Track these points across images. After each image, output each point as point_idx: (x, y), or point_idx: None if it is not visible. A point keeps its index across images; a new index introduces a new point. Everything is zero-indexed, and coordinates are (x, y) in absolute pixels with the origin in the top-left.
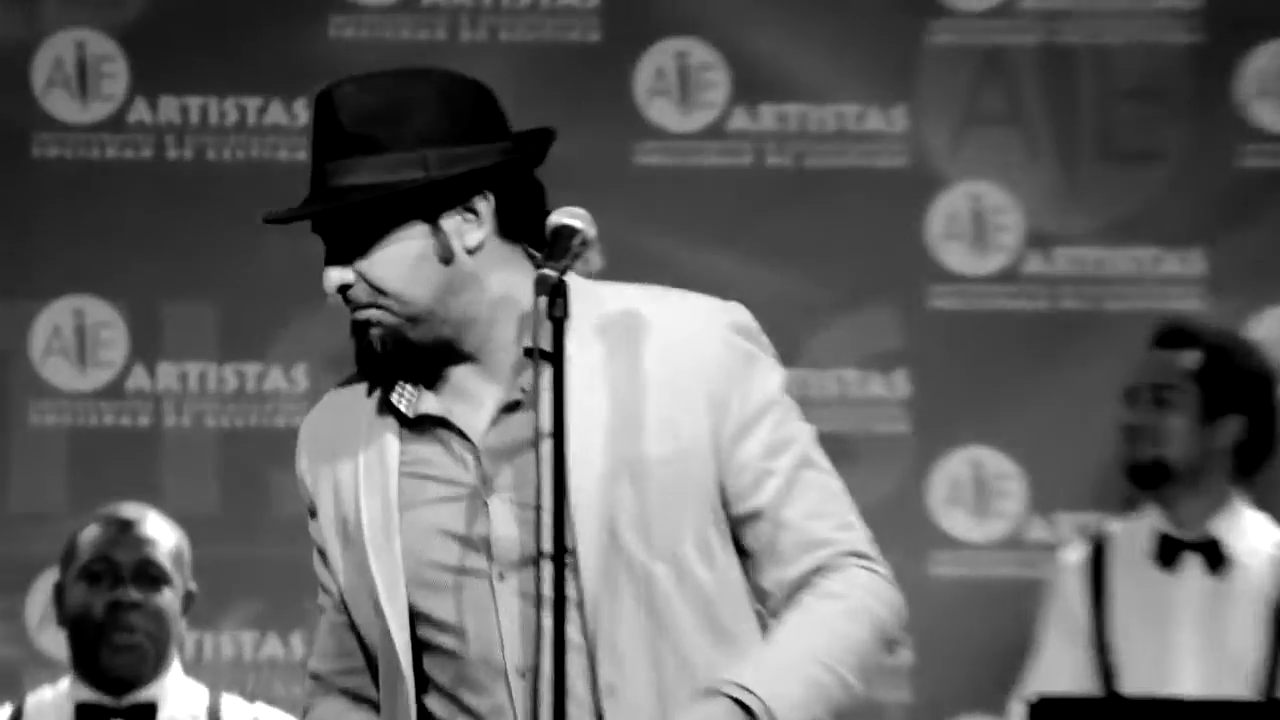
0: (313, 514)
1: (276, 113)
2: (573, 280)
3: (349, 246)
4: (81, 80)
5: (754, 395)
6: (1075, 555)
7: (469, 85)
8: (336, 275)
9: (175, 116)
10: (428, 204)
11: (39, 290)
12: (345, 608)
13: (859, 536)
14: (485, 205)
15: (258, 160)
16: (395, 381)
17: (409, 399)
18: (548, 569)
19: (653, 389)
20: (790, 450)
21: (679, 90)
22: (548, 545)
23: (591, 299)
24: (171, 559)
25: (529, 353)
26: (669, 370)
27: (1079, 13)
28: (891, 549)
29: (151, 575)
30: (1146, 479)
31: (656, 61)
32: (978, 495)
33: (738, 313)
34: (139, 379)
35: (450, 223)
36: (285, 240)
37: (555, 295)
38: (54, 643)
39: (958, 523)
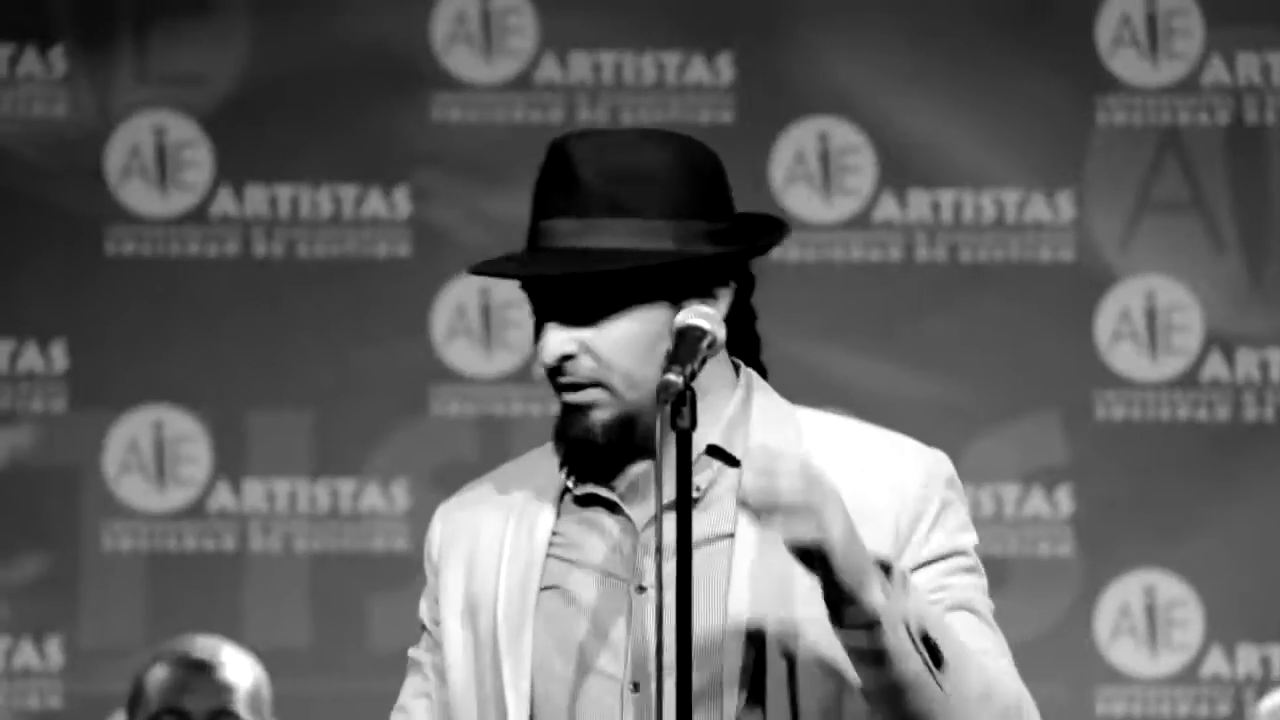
0: (431, 594)
1: (375, 203)
2: (766, 398)
3: (577, 312)
4: (160, 169)
5: (939, 540)
6: (1270, 705)
7: (711, 156)
8: (559, 342)
9: (263, 208)
10: (675, 283)
11: (114, 400)
12: (446, 686)
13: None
14: (725, 294)
15: (354, 257)
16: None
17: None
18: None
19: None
20: (959, 599)
21: (820, 175)
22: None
23: (785, 417)
24: (249, 705)
25: (711, 451)
26: (858, 504)
27: (1268, 89)
28: (1054, 684)
29: None
30: None
31: (795, 144)
32: (1150, 625)
33: (942, 460)
34: (223, 498)
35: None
36: (382, 345)
37: (679, 404)
38: None
39: (1128, 655)
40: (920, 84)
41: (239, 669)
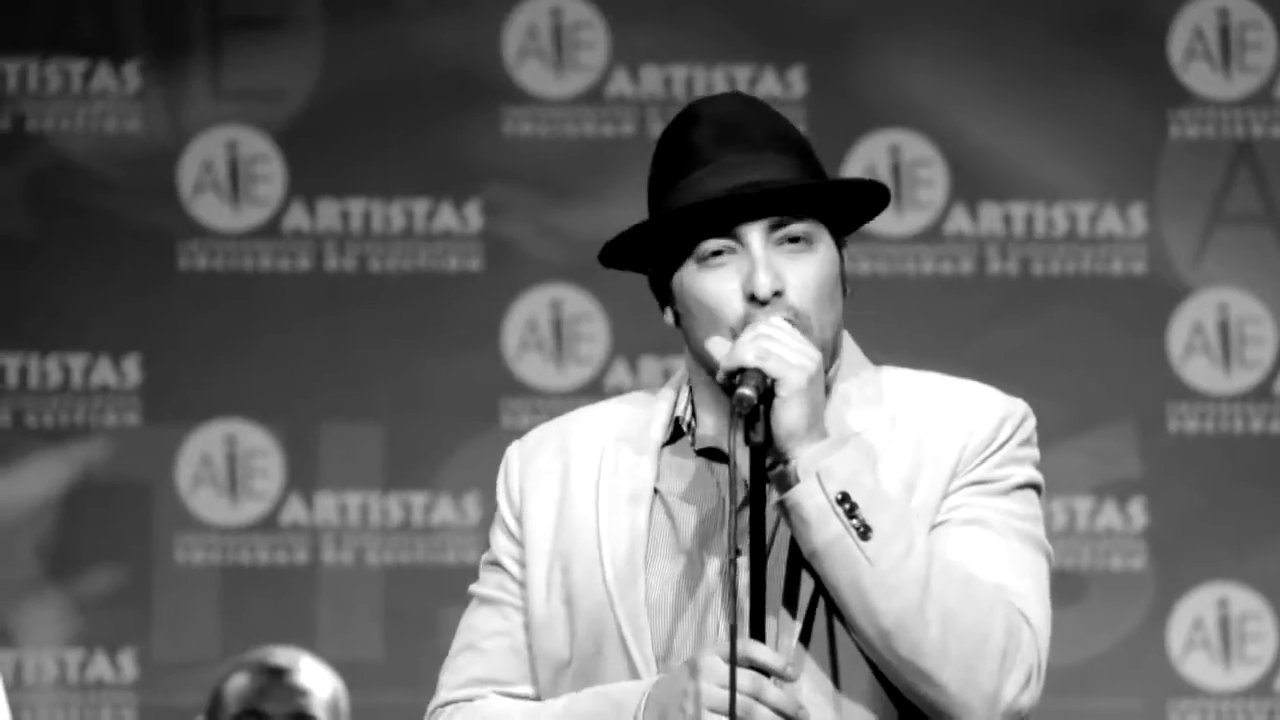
0: (512, 535)
1: (446, 217)
2: (852, 355)
3: (779, 244)
4: (233, 183)
5: (984, 470)
6: None
7: None
8: (769, 279)
9: (335, 222)
10: (839, 220)
11: (186, 414)
12: (530, 631)
13: (1035, 607)
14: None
15: (426, 270)
16: (679, 401)
17: (689, 423)
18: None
19: (908, 459)
20: (973, 515)
21: (893, 187)
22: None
23: (869, 376)
24: (328, 710)
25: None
26: (933, 449)
27: None
28: (1128, 697)
29: None
30: None
31: (867, 156)
32: (1224, 638)
33: (1022, 408)
34: (295, 511)
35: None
36: (454, 359)
37: (753, 419)
38: None
39: (1202, 669)
40: (992, 97)
41: (318, 676)
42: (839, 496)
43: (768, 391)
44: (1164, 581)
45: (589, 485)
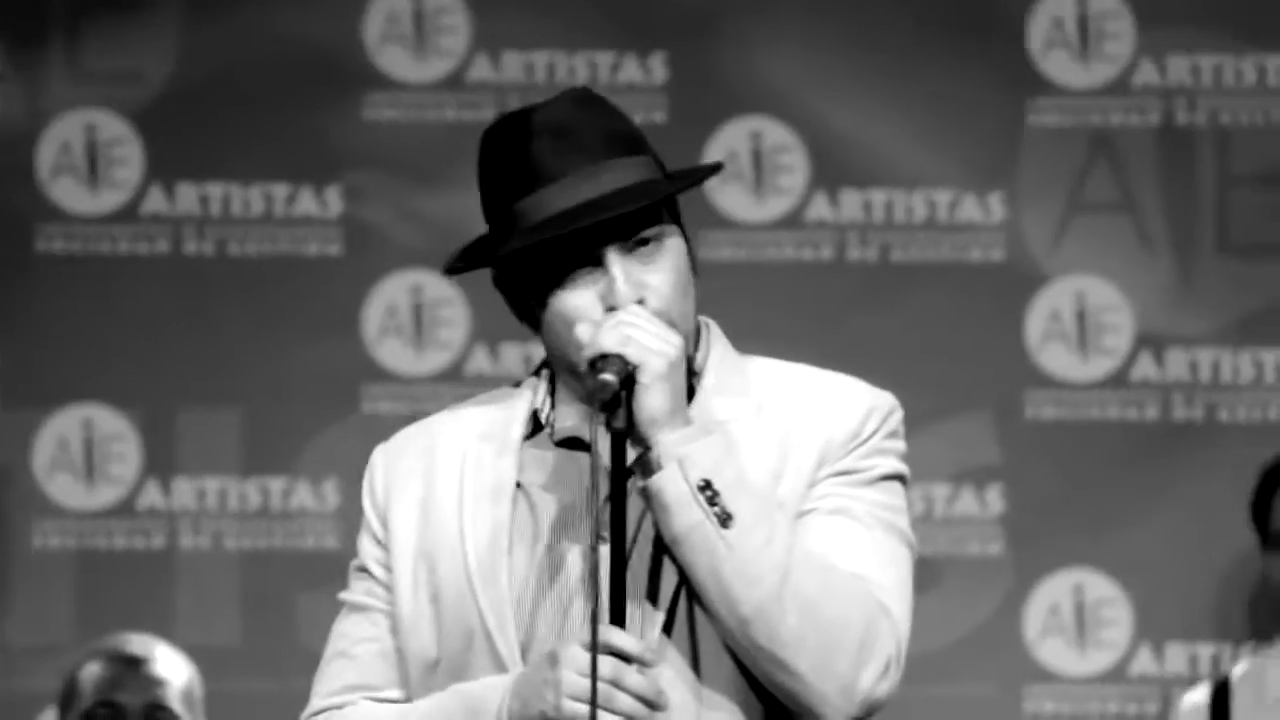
0: (377, 540)
1: (306, 202)
2: (721, 347)
3: (634, 252)
4: (91, 166)
5: (852, 460)
6: (1197, 697)
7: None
8: (630, 291)
9: (194, 206)
10: (675, 210)
11: (43, 398)
12: (398, 634)
13: (895, 598)
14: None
15: (286, 255)
16: (537, 396)
17: (548, 416)
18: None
19: (774, 449)
20: (838, 505)
21: (752, 175)
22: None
23: (736, 366)
24: (183, 700)
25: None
26: (799, 437)
27: (1199, 90)
28: (984, 682)
29: None
30: None
31: (728, 143)
32: (1079, 624)
33: (888, 400)
34: (152, 496)
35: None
36: (314, 344)
37: (615, 405)
38: None
39: (1057, 654)
40: (853, 84)
41: (173, 665)
42: (700, 484)
43: (629, 378)
44: (1020, 567)
45: (452, 484)
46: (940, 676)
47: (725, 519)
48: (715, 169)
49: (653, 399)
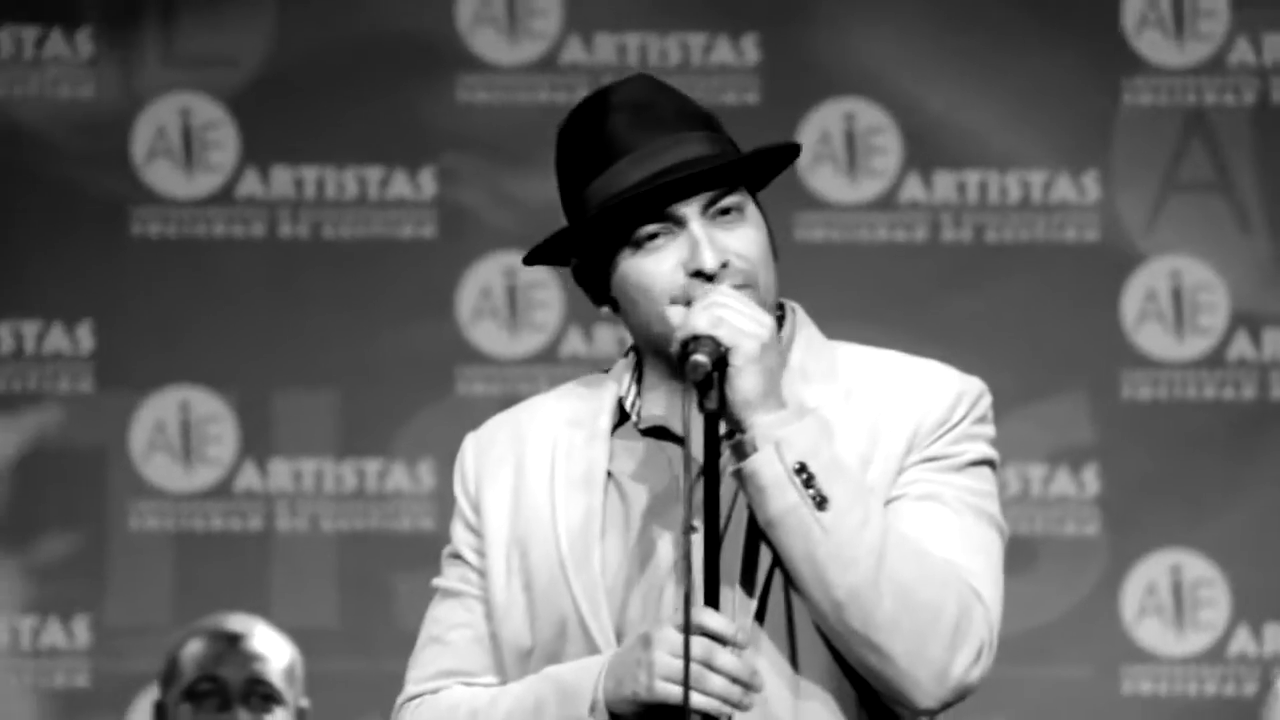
0: (470, 527)
1: (400, 184)
2: (808, 331)
3: (716, 217)
4: (187, 150)
5: (941, 446)
6: None
7: None
8: (714, 254)
9: (289, 190)
10: (756, 182)
11: (140, 381)
12: (492, 620)
13: (987, 583)
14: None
15: (380, 237)
16: (622, 384)
17: (634, 404)
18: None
19: (863, 435)
20: (927, 491)
21: (845, 156)
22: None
23: (823, 350)
24: (284, 676)
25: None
26: (887, 423)
27: None
28: (1080, 663)
29: (262, 694)
30: None
31: (821, 124)
32: (1176, 604)
33: (978, 386)
34: (249, 478)
35: None
36: (408, 326)
37: (707, 386)
38: None
39: (1155, 635)
40: (946, 65)
41: (274, 642)
42: (796, 466)
43: (721, 359)
44: (1117, 548)
45: (543, 471)
46: (1038, 657)
47: (821, 502)
48: (796, 148)
49: (746, 381)
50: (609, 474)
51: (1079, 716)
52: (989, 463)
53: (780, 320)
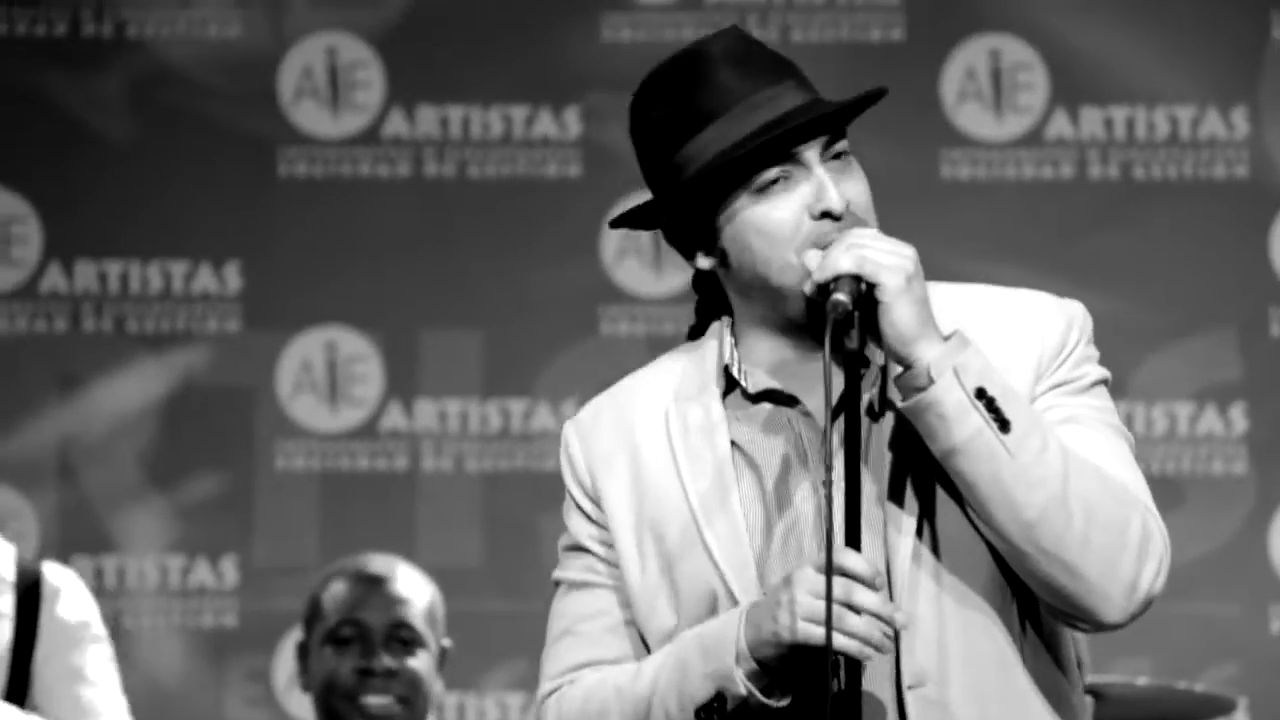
0: (590, 519)
1: (545, 123)
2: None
3: (832, 165)
4: (333, 90)
5: (1064, 371)
6: None
7: None
8: (839, 194)
9: (435, 129)
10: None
11: (286, 321)
12: (632, 605)
13: (1148, 497)
14: None
15: (525, 177)
16: (725, 350)
17: (740, 370)
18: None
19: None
20: (1068, 414)
21: (992, 93)
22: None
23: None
24: (425, 618)
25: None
26: (1003, 357)
27: None
28: (1229, 602)
29: (404, 639)
30: None
31: (967, 61)
32: None
33: (1081, 308)
34: (395, 418)
35: None
36: (553, 265)
37: (848, 325)
38: (303, 706)
39: None
40: (1092, 1)
41: (415, 584)
42: (976, 391)
43: (862, 298)
44: (1265, 487)
45: (662, 452)
46: (1186, 595)
47: (1004, 424)
48: (880, 93)
49: (901, 314)
50: (732, 443)
51: (1228, 655)
52: (1106, 382)
53: None
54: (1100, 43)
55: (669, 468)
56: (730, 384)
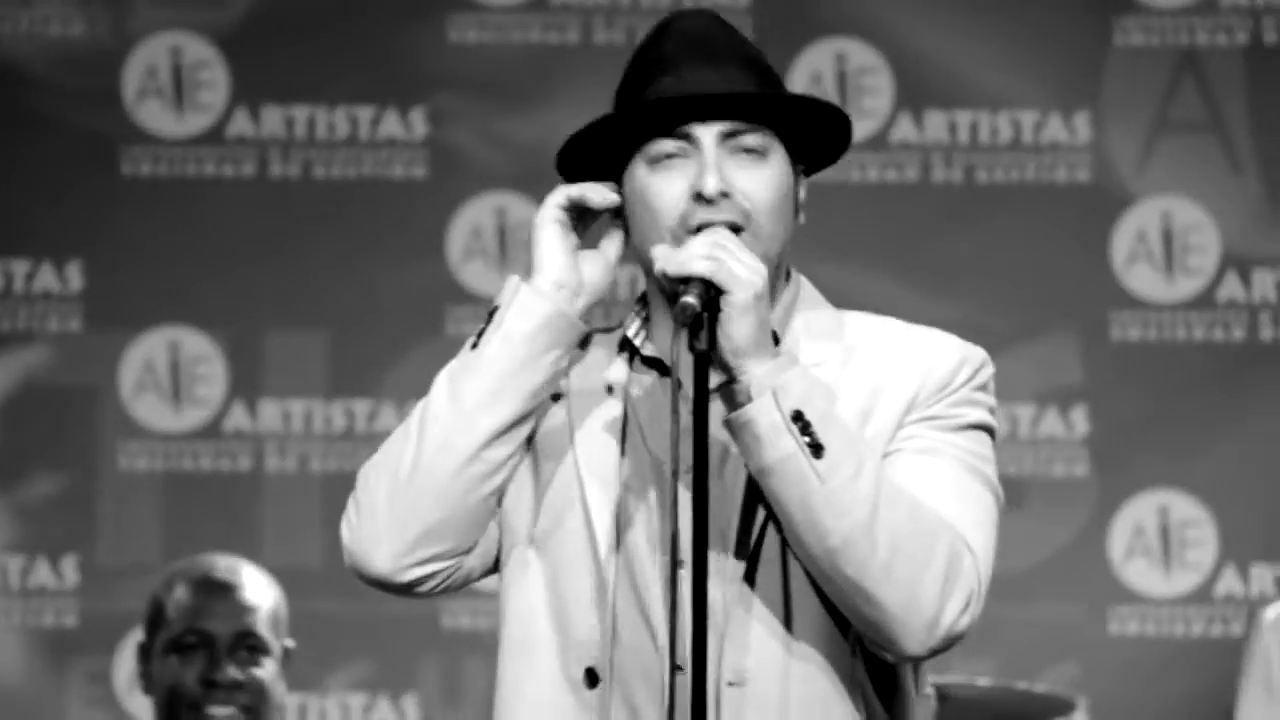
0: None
1: (391, 124)
2: (812, 295)
3: (732, 151)
4: (177, 89)
5: (941, 407)
6: (1276, 613)
7: None
8: (716, 179)
9: (279, 129)
10: (796, 142)
11: (130, 321)
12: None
13: (978, 535)
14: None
15: (371, 177)
16: (632, 323)
17: (639, 335)
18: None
19: (864, 391)
20: (926, 446)
21: (838, 95)
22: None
23: (829, 315)
24: (270, 624)
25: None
26: (890, 386)
27: None
28: (1068, 604)
29: (250, 646)
30: None
31: (812, 65)
32: (1164, 544)
33: (980, 355)
34: (238, 418)
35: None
36: (399, 266)
37: (697, 327)
38: (144, 708)
39: (1141, 575)
40: (938, 4)
41: (260, 590)
42: (793, 414)
43: (711, 301)
44: (1105, 489)
45: (559, 420)
46: (1026, 597)
47: (817, 449)
48: (842, 123)
49: (739, 329)
50: (626, 392)
51: (1068, 656)
52: (988, 429)
53: (786, 281)
54: (945, 47)
55: (562, 407)
56: (633, 351)
